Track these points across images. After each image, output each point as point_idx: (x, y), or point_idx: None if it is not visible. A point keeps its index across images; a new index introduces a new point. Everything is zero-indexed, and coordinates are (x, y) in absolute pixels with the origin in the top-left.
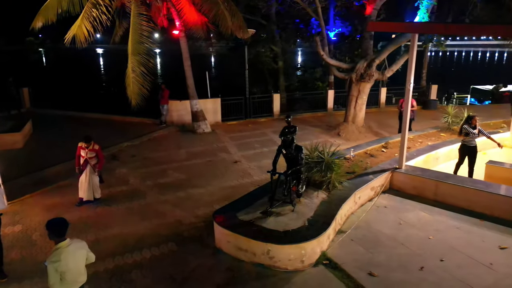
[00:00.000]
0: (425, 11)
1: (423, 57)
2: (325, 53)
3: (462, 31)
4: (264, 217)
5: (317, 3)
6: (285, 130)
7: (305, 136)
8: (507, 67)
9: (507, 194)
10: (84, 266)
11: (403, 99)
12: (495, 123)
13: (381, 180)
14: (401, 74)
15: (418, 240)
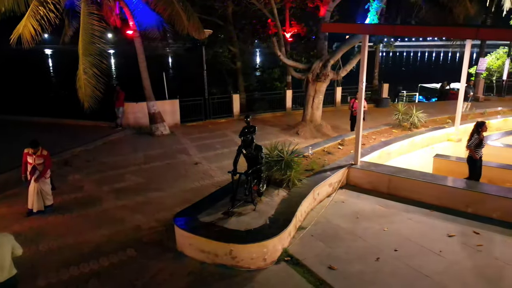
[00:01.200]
0: (374, 13)
1: (374, 57)
2: (282, 54)
3: (409, 32)
4: (226, 217)
5: (273, 4)
6: (245, 130)
7: (265, 136)
8: (451, 66)
9: (453, 185)
10: (8, 261)
11: (354, 99)
12: (441, 119)
13: (338, 176)
14: (355, 74)
15: (374, 232)
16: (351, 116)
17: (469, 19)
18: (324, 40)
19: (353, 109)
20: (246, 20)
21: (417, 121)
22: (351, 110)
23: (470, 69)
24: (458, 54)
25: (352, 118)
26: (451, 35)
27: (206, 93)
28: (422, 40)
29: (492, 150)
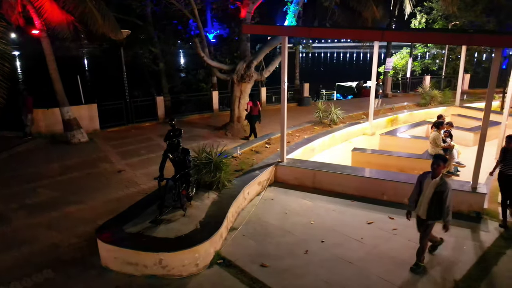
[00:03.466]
0: (292, 16)
1: (295, 58)
2: (206, 55)
3: (324, 34)
4: (154, 226)
5: (193, 5)
6: (170, 134)
7: (193, 138)
8: (363, 65)
9: (370, 176)
10: None
11: (251, 101)
12: (356, 115)
13: (267, 174)
14: (278, 74)
15: (302, 226)
16: (249, 117)
17: (377, 22)
18: (247, 41)
19: (248, 111)
20: (167, 21)
21: (336, 118)
22: (247, 111)
23: (379, 68)
24: (369, 54)
25: (250, 120)
26: (361, 37)
27: (127, 96)
28: (337, 42)
29: (400, 141)
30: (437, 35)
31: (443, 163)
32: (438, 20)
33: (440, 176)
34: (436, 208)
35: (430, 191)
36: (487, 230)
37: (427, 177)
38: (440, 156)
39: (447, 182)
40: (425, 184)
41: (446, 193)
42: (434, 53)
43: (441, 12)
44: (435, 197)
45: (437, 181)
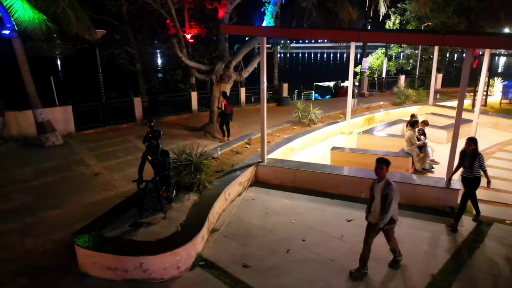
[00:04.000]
0: (270, 17)
1: (273, 58)
2: (184, 55)
3: (302, 35)
4: (133, 229)
5: (170, 5)
6: (149, 136)
7: (172, 140)
8: (340, 65)
9: (348, 174)
10: None
11: (224, 99)
12: (334, 114)
13: (248, 174)
14: (256, 75)
15: (283, 226)
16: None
17: (353, 23)
18: (225, 41)
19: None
20: (143, 20)
21: (315, 118)
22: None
23: (356, 68)
24: (345, 54)
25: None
26: (338, 38)
27: (104, 97)
28: (314, 42)
29: (377, 140)
30: (412, 36)
31: (386, 166)
32: (412, 21)
33: (385, 179)
34: None
35: (378, 196)
36: (461, 225)
37: (375, 183)
38: (383, 160)
39: (392, 184)
40: (375, 191)
41: (390, 194)
42: (408, 53)
43: (414, 13)
44: (383, 201)
45: (382, 185)
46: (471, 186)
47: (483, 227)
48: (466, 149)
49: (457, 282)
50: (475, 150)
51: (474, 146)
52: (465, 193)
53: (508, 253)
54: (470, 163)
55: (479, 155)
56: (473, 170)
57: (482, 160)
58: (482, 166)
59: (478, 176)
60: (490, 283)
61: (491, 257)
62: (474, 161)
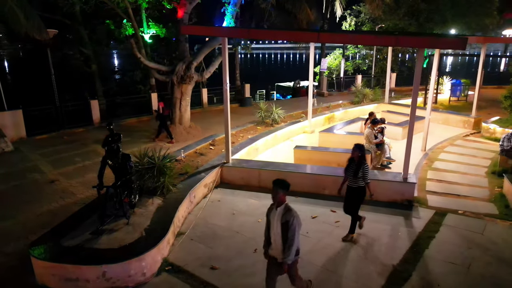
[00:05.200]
0: (230, 17)
1: (234, 59)
2: (143, 56)
3: (262, 36)
4: (95, 237)
5: (127, 4)
6: (108, 139)
7: (133, 143)
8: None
9: (311, 172)
10: None
11: (162, 102)
12: (296, 114)
13: (213, 176)
14: (218, 75)
15: (250, 226)
16: (159, 118)
17: (311, 24)
18: (185, 42)
19: (160, 112)
20: (98, 20)
21: (277, 117)
22: (159, 113)
23: (315, 69)
24: (304, 55)
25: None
26: (299, 39)
27: (57, 100)
28: (274, 43)
29: (338, 138)
30: (368, 37)
31: (281, 190)
32: (366, 23)
33: (285, 204)
34: None
35: (277, 225)
36: (418, 217)
37: (272, 209)
38: (279, 182)
39: (293, 210)
40: (271, 218)
41: (292, 223)
42: (364, 54)
43: (369, 15)
44: (283, 230)
45: (281, 211)
46: (355, 197)
47: (438, 218)
48: (352, 156)
49: (416, 271)
50: (361, 158)
51: (359, 153)
52: (351, 204)
53: (462, 241)
54: (354, 171)
55: (364, 164)
56: (357, 180)
57: (367, 170)
58: (366, 177)
59: (363, 187)
60: (446, 271)
61: (446, 246)
62: (359, 170)
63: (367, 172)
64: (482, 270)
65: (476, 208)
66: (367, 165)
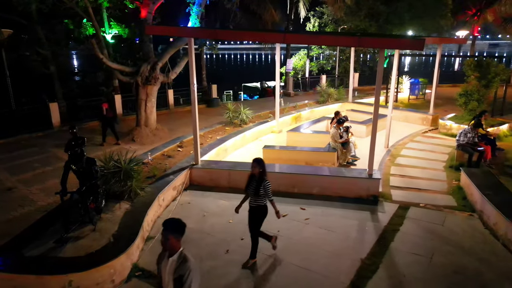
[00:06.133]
0: (196, 17)
1: (200, 59)
2: (105, 57)
3: (229, 36)
4: (59, 245)
5: (87, 3)
6: (72, 143)
7: (97, 146)
8: (265, 66)
9: (280, 171)
10: None
11: (106, 103)
12: (264, 114)
13: (182, 178)
14: (183, 76)
15: (221, 227)
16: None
17: (276, 25)
18: (150, 42)
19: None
20: (57, 20)
21: (246, 118)
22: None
23: (281, 69)
24: (270, 55)
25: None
26: (265, 39)
27: (13, 103)
28: (239, 43)
29: (305, 137)
30: (332, 38)
31: (173, 235)
32: (329, 24)
33: (179, 252)
34: None
35: (169, 279)
36: (383, 211)
37: (164, 257)
38: (169, 224)
39: (189, 261)
40: (163, 269)
41: (187, 277)
42: (328, 54)
43: (331, 17)
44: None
45: (174, 262)
46: (256, 217)
47: (402, 211)
48: (253, 173)
49: (383, 264)
50: (261, 174)
51: (260, 168)
52: (252, 225)
53: (424, 233)
54: (255, 189)
55: (264, 180)
56: (258, 198)
57: (268, 186)
58: (268, 194)
59: (262, 205)
60: (411, 262)
61: (410, 238)
62: (260, 187)
63: (269, 189)
64: (444, 259)
65: (436, 200)
66: (268, 181)
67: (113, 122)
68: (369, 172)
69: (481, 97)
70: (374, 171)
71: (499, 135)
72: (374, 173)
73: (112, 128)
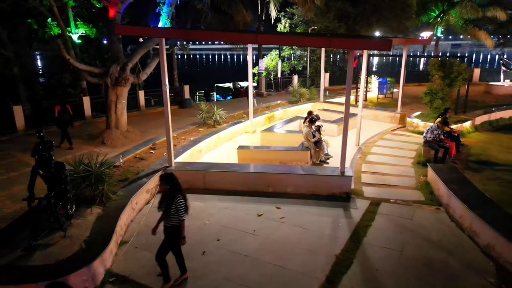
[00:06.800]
0: (166, 17)
1: (172, 60)
2: (72, 57)
3: (201, 36)
4: (28, 254)
5: (52, 2)
6: (39, 147)
7: (65, 150)
8: (237, 66)
9: (255, 171)
10: None
11: (58, 106)
12: (238, 114)
13: (155, 181)
14: (154, 77)
15: (197, 228)
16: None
17: (247, 25)
18: (119, 43)
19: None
20: (19, 19)
21: (219, 118)
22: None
23: (253, 69)
24: (242, 56)
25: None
26: (237, 40)
27: None
28: (210, 44)
29: (278, 136)
30: (303, 39)
31: None
32: (300, 25)
33: None
34: None
35: None
36: (356, 208)
37: None
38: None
39: None
40: None
41: None
42: (299, 55)
43: (302, 18)
44: None
45: None
46: (171, 239)
47: (373, 207)
48: (163, 190)
49: (357, 259)
50: (172, 190)
51: (166, 185)
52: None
53: (395, 227)
54: (166, 207)
55: (176, 197)
56: (171, 217)
57: (181, 204)
58: (180, 213)
59: (177, 226)
60: (383, 256)
61: (382, 233)
62: (171, 205)
63: (182, 207)
64: (414, 252)
65: (405, 196)
66: (180, 198)
67: (67, 125)
68: (342, 170)
69: (445, 96)
70: (346, 169)
71: (463, 132)
72: (346, 171)
73: (64, 130)
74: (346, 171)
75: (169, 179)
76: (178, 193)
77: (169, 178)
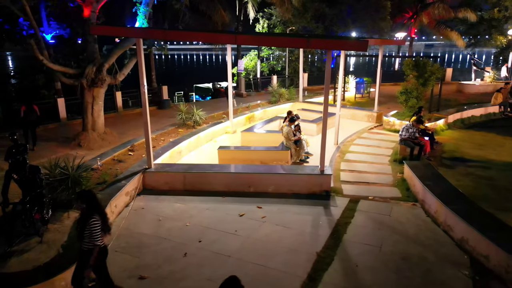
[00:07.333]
0: (143, 17)
1: (149, 60)
2: (45, 58)
3: (179, 37)
4: (3, 260)
5: (24, 1)
6: (13, 151)
7: (40, 153)
8: (216, 67)
9: (236, 171)
10: None
11: (24, 106)
12: (217, 115)
13: (134, 183)
14: (131, 77)
15: (178, 230)
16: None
17: (226, 25)
18: (94, 43)
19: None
20: None
21: (199, 119)
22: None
23: (232, 70)
24: (221, 56)
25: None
26: (216, 40)
27: None
28: (188, 44)
29: (259, 136)
30: (282, 39)
31: None
32: (278, 25)
33: None
34: None
35: None
36: (335, 205)
37: None
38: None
39: None
40: None
41: None
42: (277, 55)
43: (280, 18)
44: None
45: None
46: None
47: (353, 205)
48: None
49: (337, 255)
50: (88, 210)
51: (82, 203)
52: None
53: (374, 224)
54: (80, 230)
55: (91, 218)
56: (84, 240)
57: (95, 227)
58: (93, 236)
59: (91, 249)
60: (362, 252)
61: (361, 229)
62: (85, 227)
63: (96, 230)
64: (392, 247)
65: (383, 193)
66: (95, 221)
67: (34, 126)
68: (321, 169)
69: (419, 95)
70: (325, 168)
71: (436, 130)
72: (326, 170)
73: (32, 131)
74: (326, 169)
75: (85, 196)
76: (94, 214)
77: (85, 196)
